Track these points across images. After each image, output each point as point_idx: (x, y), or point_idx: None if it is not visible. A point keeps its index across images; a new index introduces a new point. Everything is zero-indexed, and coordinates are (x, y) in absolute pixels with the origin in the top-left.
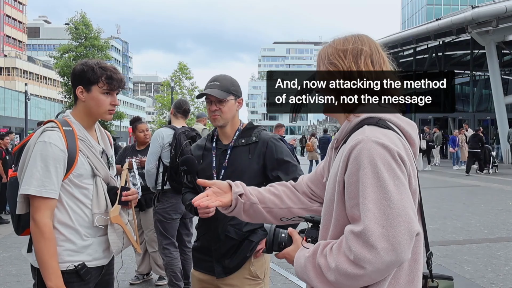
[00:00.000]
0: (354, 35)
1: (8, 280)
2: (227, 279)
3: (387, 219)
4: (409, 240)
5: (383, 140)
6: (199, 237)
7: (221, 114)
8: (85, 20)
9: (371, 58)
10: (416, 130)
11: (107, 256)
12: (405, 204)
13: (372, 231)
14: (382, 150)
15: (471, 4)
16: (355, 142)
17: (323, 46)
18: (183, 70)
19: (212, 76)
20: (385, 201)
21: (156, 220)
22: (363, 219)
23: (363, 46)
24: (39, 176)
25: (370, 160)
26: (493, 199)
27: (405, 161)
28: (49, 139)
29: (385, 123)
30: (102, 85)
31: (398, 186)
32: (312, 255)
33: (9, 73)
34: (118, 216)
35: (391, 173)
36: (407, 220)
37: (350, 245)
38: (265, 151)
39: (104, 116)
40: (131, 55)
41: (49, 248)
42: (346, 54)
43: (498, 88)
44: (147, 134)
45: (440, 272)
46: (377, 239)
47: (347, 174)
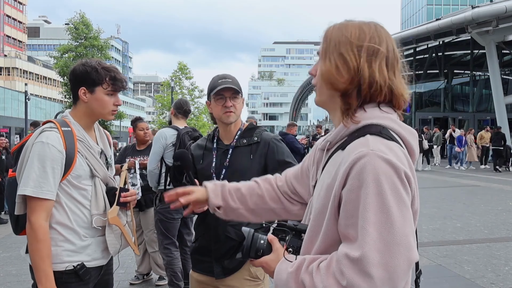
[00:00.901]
0: (371, 26)
1: (8, 280)
2: (226, 280)
3: (387, 246)
4: (407, 269)
5: (389, 156)
6: (197, 238)
7: (235, 111)
8: (84, 20)
9: (386, 61)
10: (417, 140)
11: (106, 256)
12: (407, 231)
13: (370, 258)
14: (389, 168)
15: (471, 4)
16: (358, 155)
17: (333, 26)
18: (183, 70)
19: (217, 75)
20: (387, 226)
21: (157, 220)
22: (362, 244)
23: (381, 45)
24: (36, 177)
25: (374, 179)
26: (493, 199)
27: (411, 181)
28: (47, 140)
29: (388, 132)
30: (106, 86)
31: (402, 210)
32: (296, 270)
33: (9, 73)
34: (116, 217)
35: (396, 194)
36: (407, 248)
37: (344, 270)
38: (267, 151)
39: (107, 117)
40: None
41: (42, 250)
42: (360, 51)
43: (498, 88)
44: (147, 133)
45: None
46: (375, 268)
47: (346, 189)
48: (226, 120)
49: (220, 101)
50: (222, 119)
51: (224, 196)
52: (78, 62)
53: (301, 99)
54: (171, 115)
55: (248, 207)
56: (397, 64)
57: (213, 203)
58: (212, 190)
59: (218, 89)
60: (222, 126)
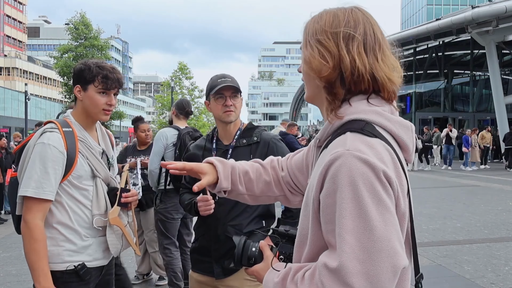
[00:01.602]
0: (347, 11)
1: (8, 280)
2: (226, 280)
3: (368, 254)
4: (392, 277)
5: (366, 155)
6: (197, 238)
7: (235, 110)
8: (84, 20)
9: (364, 45)
10: (410, 132)
11: (107, 256)
12: (389, 236)
13: (349, 268)
14: (365, 168)
15: (471, 4)
16: (333, 157)
17: (311, 18)
18: (183, 70)
19: (215, 75)
20: (366, 233)
21: (157, 220)
22: (339, 253)
23: (356, 29)
24: (38, 178)
25: (350, 181)
26: (493, 199)
27: (391, 181)
28: (48, 141)
29: (372, 128)
30: (97, 84)
31: (383, 214)
32: (281, 280)
33: (9, 73)
34: (117, 217)
35: (375, 197)
36: (391, 254)
37: (324, 281)
38: (266, 151)
39: (99, 116)
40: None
41: (39, 250)
42: (336, 38)
43: (498, 88)
44: (149, 134)
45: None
46: (355, 278)
47: (323, 194)
48: (226, 119)
49: (220, 100)
50: (222, 118)
51: (234, 179)
52: (80, 61)
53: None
54: (172, 115)
55: (253, 193)
56: (379, 48)
57: (221, 187)
58: (222, 172)
59: (218, 88)
60: (221, 126)
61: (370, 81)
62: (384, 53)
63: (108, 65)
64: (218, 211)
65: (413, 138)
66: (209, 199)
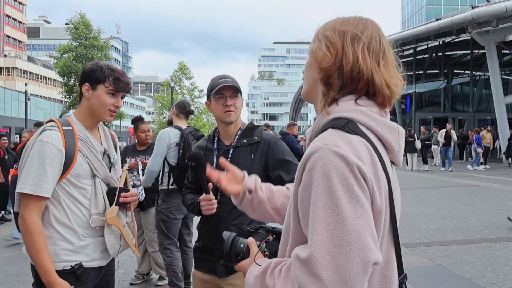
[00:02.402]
0: (357, 17)
1: (8, 280)
2: (229, 278)
3: (337, 246)
4: (362, 271)
5: (342, 149)
6: (200, 237)
7: (235, 110)
8: (84, 20)
9: (368, 47)
10: (397, 134)
11: (106, 257)
12: (360, 229)
13: (318, 259)
14: (340, 162)
15: (471, 4)
16: (311, 150)
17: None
18: (183, 70)
19: (216, 76)
20: (337, 225)
21: (159, 220)
22: (310, 244)
23: (364, 32)
24: (35, 175)
25: (324, 174)
26: (493, 199)
27: (366, 176)
28: (47, 139)
29: (354, 126)
30: (108, 85)
31: (355, 207)
32: (261, 274)
33: (9, 73)
34: (115, 217)
35: (348, 191)
36: (361, 248)
37: (295, 271)
38: (267, 151)
39: (104, 117)
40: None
41: (37, 243)
42: (343, 36)
43: (498, 88)
44: (148, 135)
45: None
46: (324, 269)
47: (301, 187)
48: (227, 119)
49: (220, 100)
50: (223, 119)
51: (256, 186)
52: (91, 62)
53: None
54: (173, 114)
55: (275, 205)
56: (383, 55)
57: (246, 185)
58: (247, 176)
59: (218, 87)
60: (222, 126)
61: (369, 80)
62: (387, 61)
63: (119, 68)
64: (220, 210)
65: (399, 140)
66: (212, 199)
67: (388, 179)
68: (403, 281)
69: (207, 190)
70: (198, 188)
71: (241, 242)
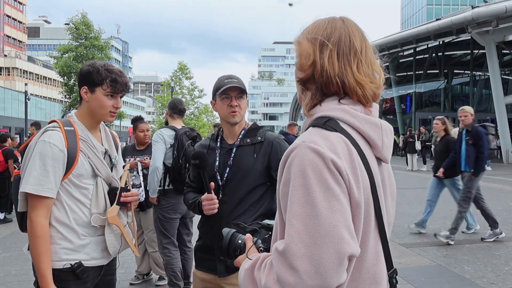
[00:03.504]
0: (326, 21)
1: (8, 280)
2: (229, 278)
3: (312, 238)
4: (337, 263)
5: (318, 145)
6: (201, 236)
7: (240, 111)
8: (86, 20)
9: (337, 51)
10: (380, 130)
11: (107, 256)
12: (335, 222)
13: (294, 251)
14: (315, 157)
15: (471, 4)
16: (290, 148)
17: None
18: (183, 70)
19: (223, 75)
20: (312, 218)
21: (156, 219)
22: (286, 237)
23: (331, 36)
24: (37, 175)
25: (300, 170)
26: (493, 199)
27: (341, 170)
28: (49, 139)
29: (334, 124)
30: (106, 87)
31: (329, 200)
32: (250, 267)
33: (9, 73)
34: (116, 216)
35: (322, 184)
36: (335, 240)
37: (274, 263)
38: (270, 151)
39: (106, 118)
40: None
41: (39, 247)
42: (312, 44)
43: (498, 88)
44: (147, 135)
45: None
46: (299, 261)
47: (281, 183)
48: (231, 120)
49: (225, 101)
50: (227, 119)
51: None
52: (87, 63)
53: None
54: (167, 115)
55: None
56: (354, 55)
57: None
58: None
59: (224, 88)
60: (226, 126)
61: (339, 84)
62: (360, 61)
63: (116, 68)
64: (221, 209)
65: (383, 136)
66: (214, 198)
67: (370, 174)
68: (393, 276)
69: (209, 189)
70: (200, 187)
71: (239, 238)
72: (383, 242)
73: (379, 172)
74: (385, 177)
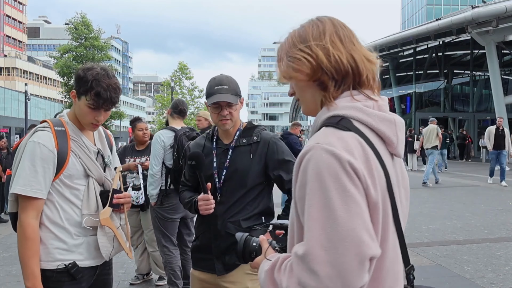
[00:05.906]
0: (311, 21)
1: (8, 280)
2: (228, 276)
3: (331, 242)
4: (358, 265)
5: (334, 147)
6: (198, 236)
7: (232, 118)
8: (85, 21)
9: (337, 34)
10: (394, 126)
11: (101, 256)
12: (353, 225)
13: (314, 255)
14: (331, 159)
15: (471, 4)
16: (305, 149)
17: (280, 43)
18: (183, 70)
19: (214, 78)
20: (330, 222)
21: (155, 218)
22: (306, 241)
23: (324, 26)
24: (26, 175)
25: (317, 173)
26: (493, 199)
27: (358, 171)
28: (39, 139)
29: (347, 123)
30: (89, 98)
31: (347, 203)
32: (270, 269)
33: (9, 73)
34: (108, 218)
35: (340, 187)
36: (355, 243)
37: (294, 267)
38: (267, 151)
39: (86, 127)
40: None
41: (28, 248)
42: (309, 44)
43: (498, 88)
44: (146, 133)
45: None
46: (320, 265)
47: (297, 186)
48: (222, 128)
49: (215, 110)
50: (218, 126)
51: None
52: (85, 65)
53: None
54: (168, 115)
55: None
56: (353, 36)
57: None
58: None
59: (213, 102)
60: (220, 128)
61: (350, 62)
62: (357, 40)
63: (107, 81)
64: (218, 209)
65: (397, 131)
66: (210, 199)
67: (386, 172)
68: (410, 272)
69: (205, 189)
70: (196, 186)
71: (253, 241)
72: (400, 239)
73: (393, 169)
74: (398, 171)
